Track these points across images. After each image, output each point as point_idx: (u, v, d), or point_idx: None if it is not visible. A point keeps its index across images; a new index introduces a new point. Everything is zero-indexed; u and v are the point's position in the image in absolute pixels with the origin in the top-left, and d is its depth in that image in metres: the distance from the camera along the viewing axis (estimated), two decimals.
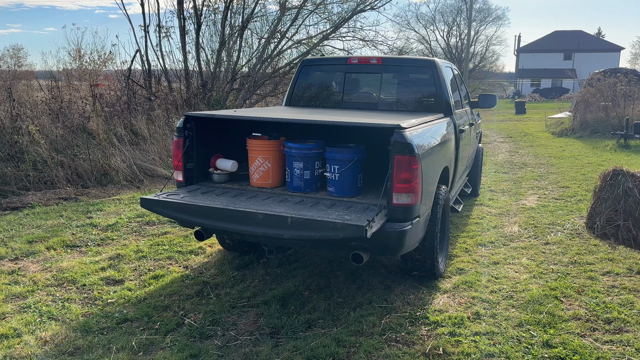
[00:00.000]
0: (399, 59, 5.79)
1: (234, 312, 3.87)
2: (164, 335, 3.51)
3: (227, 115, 4.19)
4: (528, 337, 3.48)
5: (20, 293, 4.17)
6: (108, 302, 4.03)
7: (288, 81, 12.68)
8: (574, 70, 48.89)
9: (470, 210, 6.82)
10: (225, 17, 12.74)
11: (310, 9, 14.41)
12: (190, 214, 3.70)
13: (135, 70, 12.42)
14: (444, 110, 5.05)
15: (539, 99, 42.03)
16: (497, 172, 9.87)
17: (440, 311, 3.86)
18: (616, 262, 4.86)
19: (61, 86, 10.53)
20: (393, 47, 17.45)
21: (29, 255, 5.04)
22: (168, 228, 5.97)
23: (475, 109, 7.09)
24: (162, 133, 9.90)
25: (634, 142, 13.29)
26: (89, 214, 6.51)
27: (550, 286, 4.30)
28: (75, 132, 8.91)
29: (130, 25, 12.72)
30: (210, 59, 13.23)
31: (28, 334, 3.49)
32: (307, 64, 5.90)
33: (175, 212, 3.79)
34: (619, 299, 4.05)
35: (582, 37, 56.71)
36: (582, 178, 9.04)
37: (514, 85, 55.47)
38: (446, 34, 51.22)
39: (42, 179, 7.74)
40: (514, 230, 5.92)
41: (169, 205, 3.77)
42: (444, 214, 4.47)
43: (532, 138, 16.07)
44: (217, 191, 4.12)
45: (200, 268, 4.76)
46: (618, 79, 16.45)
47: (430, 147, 3.91)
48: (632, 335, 3.49)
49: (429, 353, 3.28)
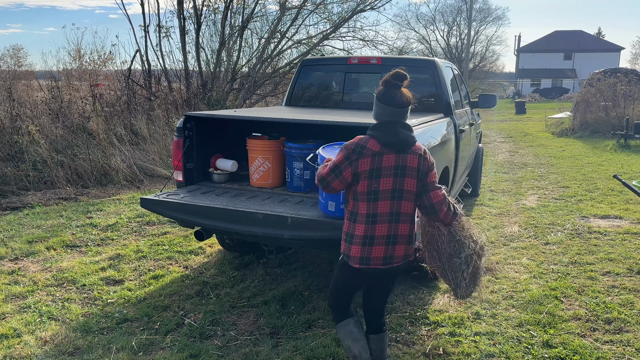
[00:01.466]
0: (399, 59, 5.79)
1: (234, 312, 3.87)
2: (164, 335, 3.51)
3: (227, 115, 4.19)
4: (528, 337, 3.48)
5: (20, 293, 4.17)
6: (108, 302, 4.03)
7: (288, 81, 12.67)
8: (574, 70, 48.87)
9: (470, 210, 6.82)
10: (225, 17, 12.74)
11: (310, 9, 14.42)
12: (190, 214, 3.70)
13: (135, 70, 12.43)
14: (444, 110, 5.05)
15: (539, 99, 42.04)
16: (497, 172, 9.87)
17: (440, 311, 3.86)
18: (616, 262, 4.86)
19: (61, 86, 10.53)
20: (393, 47, 17.44)
21: (29, 255, 5.04)
22: (168, 228, 5.97)
23: (475, 109, 7.09)
24: (162, 133, 9.90)
25: (634, 142, 13.29)
26: (89, 214, 6.51)
27: (551, 286, 4.29)
28: (75, 132, 8.91)
29: (130, 25, 12.75)
30: (210, 59, 13.23)
31: (28, 334, 3.49)
32: (307, 64, 5.90)
33: (175, 212, 3.79)
34: (619, 299, 4.05)
35: (582, 37, 56.70)
36: (582, 178, 9.04)
37: (514, 85, 55.48)
38: (446, 34, 51.21)
39: (42, 179, 7.74)
40: (514, 230, 5.92)
41: (169, 206, 3.77)
42: None
43: (532, 138, 16.07)
44: (217, 191, 4.12)
45: (200, 268, 4.76)
46: (618, 79, 16.45)
47: (430, 147, 3.91)
48: (632, 335, 3.49)
49: (429, 353, 3.28)
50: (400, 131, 2.45)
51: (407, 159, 2.43)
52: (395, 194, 2.44)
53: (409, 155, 2.44)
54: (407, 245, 2.53)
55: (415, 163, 2.45)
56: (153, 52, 20.09)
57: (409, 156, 2.44)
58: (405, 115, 2.50)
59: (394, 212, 2.46)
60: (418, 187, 2.48)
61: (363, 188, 2.45)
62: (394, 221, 2.46)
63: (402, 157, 2.43)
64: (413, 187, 2.46)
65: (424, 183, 2.49)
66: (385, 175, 2.42)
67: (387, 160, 2.41)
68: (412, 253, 2.59)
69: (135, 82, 11.85)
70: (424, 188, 2.48)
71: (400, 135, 2.44)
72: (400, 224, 2.48)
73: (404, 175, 2.43)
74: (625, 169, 9.92)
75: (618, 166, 10.31)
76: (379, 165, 2.41)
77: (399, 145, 2.43)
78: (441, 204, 2.50)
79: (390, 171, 2.41)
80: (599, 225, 6.13)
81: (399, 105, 2.45)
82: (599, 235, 5.71)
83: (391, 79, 2.47)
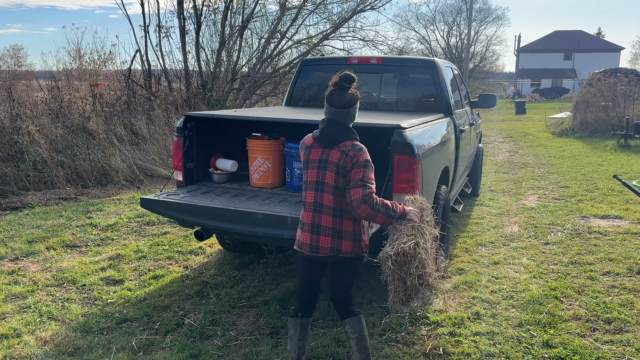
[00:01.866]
0: (399, 59, 5.79)
1: (234, 312, 3.87)
2: (164, 335, 3.51)
3: (227, 115, 4.19)
4: (528, 337, 3.48)
5: (20, 293, 4.17)
6: (108, 302, 4.03)
7: (288, 81, 12.68)
8: (574, 70, 48.87)
9: (471, 210, 6.82)
10: (225, 17, 12.74)
11: (310, 9, 14.42)
12: (190, 214, 3.70)
13: (135, 70, 12.43)
14: (444, 110, 5.05)
15: (539, 99, 42.03)
16: (497, 172, 9.88)
17: (440, 311, 3.86)
18: (616, 262, 4.86)
19: (61, 86, 10.54)
20: (393, 47, 17.45)
21: (29, 255, 5.04)
22: (168, 228, 5.97)
23: (475, 109, 7.09)
24: (162, 133, 9.90)
25: (634, 142, 13.29)
26: (89, 214, 6.51)
27: (551, 286, 4.29)
28: (75, 132, 8.91)
29: (130, 25, 12.75)
30: (210, 59, 13.23)
31: (28, 334, 3.49)
32: (307, 64, 5.90)
33: (176, 212, 3.79)
34: (619, 299, 4.05)
35: (582, 37, 56.69)
36: (582, 178, 9.04)
37: (514, 85, 55.46)
38: (446, 34, 51.21)
39: (42, 179, 7.74)
40: (514, 230, 5.92)
41: (168, 206, 3.77)
42: (444, 214, 4.46)
43: (532, 138, 16.07)
44: (217, 191, 4.12)
45: (200, 268, 4.76)
46: (618, 79, 16.45)
47: (431, 147, 3.91)
48: (632, 335, 3.49)
49: (429, 353, 3.28)
50: (330, 128, 2.63)
51: (331, 153, 2.61)
52: (318, 185, 2.62)
53: (333, 150, 2.61)
54: (334, 238, 2.62)
55: (336, 158, 2.60)
56: (153, 52, 20.10)
57: (332, 151, 2.61)
58: (345, 115, 2.65)
59: (317, 203, 2.64)
60: (339, 182, 2.59)
61: (303, 176, 2.71)
62: (317, 212, 2.64)
63: (326, 152, 2.62)
64: (332, 180, 2.59)
65: (347, 179, 2.59)
66: (312, 167, 2.64)
67: (314, 153, 2.65)
68: (350, 251, 2.66)
69: (135, 82, 11.85)
70: (348, 184, 2.59)
71: (328, 131, 2.63)
72: (323, 215, 2.63)
73: (325, 169, 2.60)
74: (625, 169, 9.92)
75: (618, 166, 10.31)
76: (308, 157, 2.67)
77: (324, 140, 2.63)
78: (359, 202, 2.54)
79: (315, 164, 2.63)
80: (599, 225, 6.13)
81: (336, 105, 2.62)
82: (599, 235, 5.71)
83: (338, 81, 2.63)
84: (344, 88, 2.62)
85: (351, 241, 2.66)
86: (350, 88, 2.62)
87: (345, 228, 2.65)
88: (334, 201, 2.61)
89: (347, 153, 2.59)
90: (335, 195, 2.61)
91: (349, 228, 2.66)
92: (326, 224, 2.62)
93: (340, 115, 2.64)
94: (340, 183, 2.59)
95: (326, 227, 2.62)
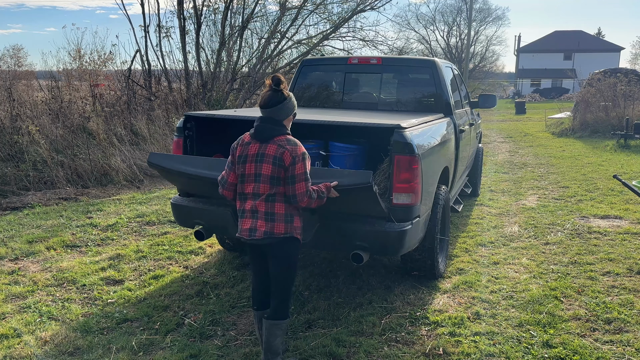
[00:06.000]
0: (399, 59, 5.79)
1: (234, 312, 3.87)
2: (164, 335, 3.51)
3: (227, 115, 4.19)
4: (528, 337, 3.48)
5: (20, 293, 4.17)
6: (108, 302, 4.03)
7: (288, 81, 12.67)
8: (574, 71, 48.90)
9: (470, 210, 6.82)
10: (225, 17, 12.75)
11: (310, 9, 14.43)
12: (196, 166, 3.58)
13: (135, 70, 12.45)
14: (444, 110, 5.05)
15: (539, 99, 42.04)
16: (497, 172, 9.88)
17: (440, 311, 3.86)
18: (616, 262, 4.86)
19: (61, 86, 10.54)
20: (393, 47, 17.47)
21: (29, 255, 5.04)
22: (168, 228, 5.97)
23: (475, 109, 7.09)
24: (162, 133, 9.91)
25: (634, 142, 13.29)
26: (89, 214, 6.51)
27: (550, 286, 4.30)
28: (75, 132, 8.92)
29: (130, 25, 12.79)
30: (210, 59, 13.24)
31: (28, 334, 3.49)
32: (307, 64, 5.90)
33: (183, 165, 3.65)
34: (619, 299, 4.05)
35: (582, 37, 56.70)
36: (582, 178, 9.04)
37: (514, 85, 55.47)
38: (446, 34, 51.25)
39: (42, 179, 7.74)
40: (514, 231, 5.92)
41: (177, 159, 3.70)
42: (444, 214, 4.46)
43: (532, 138, 16.07)
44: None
45: (200, 268, 4.76)
46: (618, 79, 16.45)
47: (430, 147, 3.91)
48: (632, 335, 3.49)
49: (429, 353, 3.28)
50: (264, 125, 2.87)
51: (267, 147, 2.84)
52: (257, 177, 2.85)
53: (269, 144, 2.84)
54: (267, 222, 2.85)
55: (272, 151, 2.82)
56: (153, 52, 20.13)
57: (269, 145, 2.84)
58: (275, 113, 2.87)
59: (255, 193, 2.87)
60: (275, 172, 2.81)
61: (237, 171, 2.93)
62: (255, 198, 2.87)
63: (263, 146, 2.85)
64: (269, 171, 2.82)
65: (290, 173, 2.80)
66: (250, 161, 2.87)
67: (252, 148, 2.88)
68: (282, 232, 2.86)
69: (135, 82, 11.86)
70: (291, 179, 2.81)
71: (263, 128, 2.87)
72: (258, 201, 2.86)
73: (262, 162, 2.83)
74: (625, 169, 9.92)
75: (618, 166, 10.31)
76: (246, 152, 2.89)
77: (260, 136, 2.87)
78: (302, 196, 2.83)
79: (253, 158, 2.86)
80: (599, 225, 6.13)
81: (262, 105, 2.90)
82: (599, 235, 5.71)
83: (271, 84, 2.91)
84: (273, 90, 2.88)
85: (283, 223, 2.86)
86: (279, 89, 2.88)
87: (277, 211, 2.86)
88: (269, 189, 2.84)
89: (283, 147, 2.82)
90: (272, 184, 2.83)
91: (280, 210, 2.86)
92: (261, 208, 2.85)
93: (271, 113, 2.87)
94: (276, 173, 2.81)
95: (261, 212, 2.85)
